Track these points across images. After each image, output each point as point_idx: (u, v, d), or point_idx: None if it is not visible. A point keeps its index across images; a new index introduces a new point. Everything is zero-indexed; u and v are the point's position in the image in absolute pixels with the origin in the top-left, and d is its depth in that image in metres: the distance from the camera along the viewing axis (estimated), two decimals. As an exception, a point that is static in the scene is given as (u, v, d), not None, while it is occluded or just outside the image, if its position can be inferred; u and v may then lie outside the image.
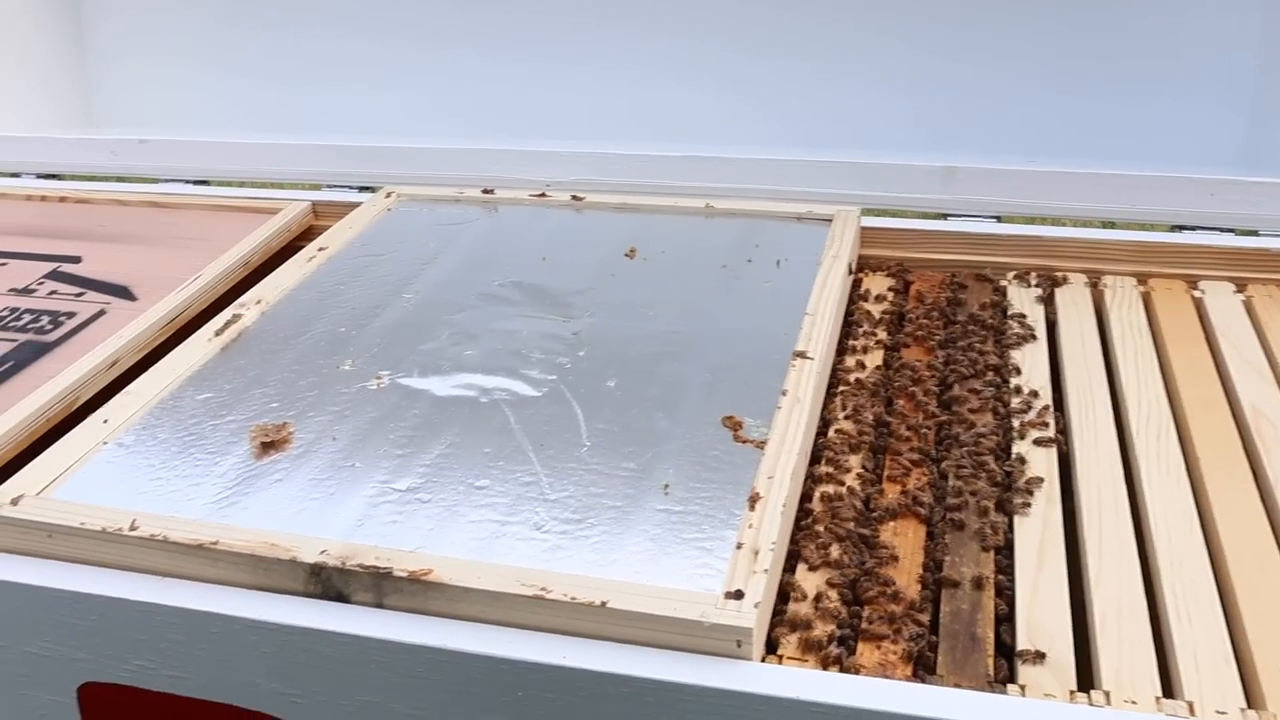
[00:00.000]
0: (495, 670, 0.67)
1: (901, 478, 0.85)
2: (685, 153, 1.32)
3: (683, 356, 0.94)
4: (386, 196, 1.29)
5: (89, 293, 1.15)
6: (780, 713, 0.63)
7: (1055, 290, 1.09)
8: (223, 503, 0.80)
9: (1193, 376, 0.94)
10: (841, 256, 1.07)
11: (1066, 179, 1.21)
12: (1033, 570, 0.75)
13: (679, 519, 0.76)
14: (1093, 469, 0.84)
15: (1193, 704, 0.64)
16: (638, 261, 1.11)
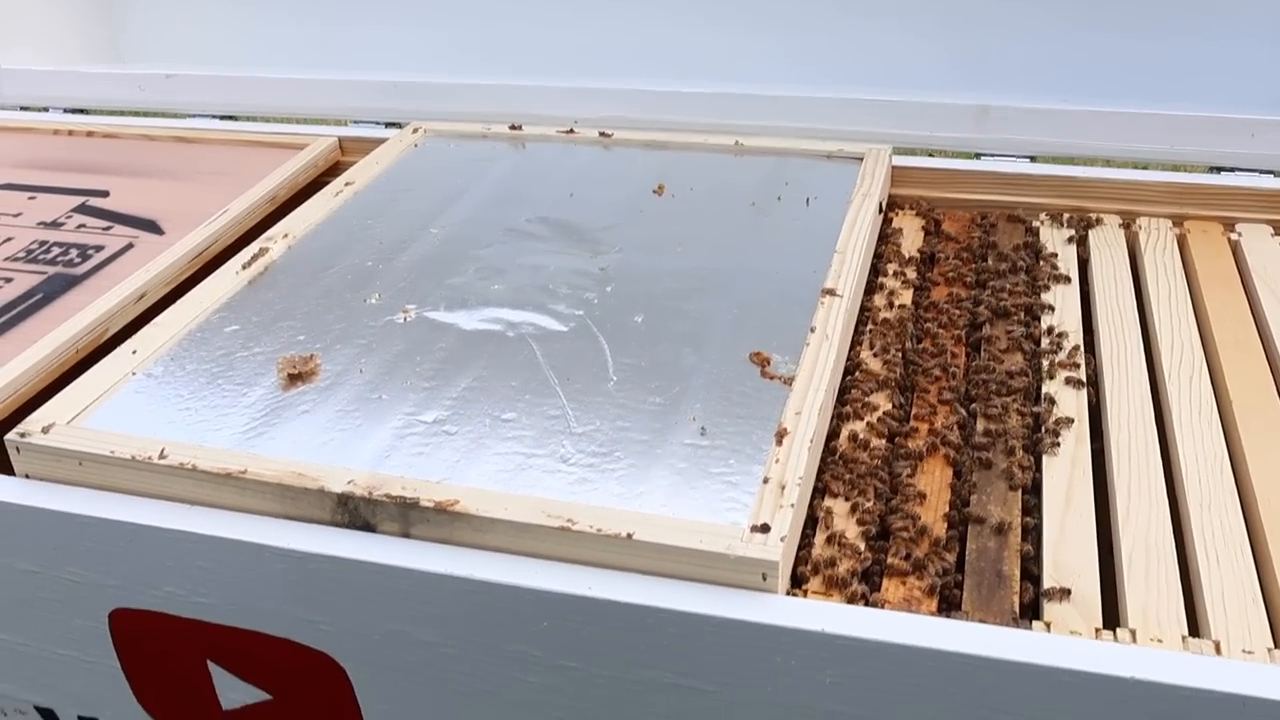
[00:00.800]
0: (521, 600, 0.68)
1: (929, 416, 0.84)
2: (715, 90, 1.30)
3: (710, 293, 0.94)
4: (414, 132, 1.28)
5: (117, 226, 1.15)
6: (805, 646, 0.63)
7: (1089, 231, 1.07)
8: (250, 433, 0.80)
9: (1227, 319, 0.93)
10: (872, 195, 1.06)
11: (1103, 118, 1.19)
12: (1060, 510, 0.75)
13: (705, 453, 0.75)
14: (1123, 410, 0.83)
15: (1219, 643, 0.64)
16: (666, 198, 1.10)
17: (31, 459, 0.79)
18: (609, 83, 1.33)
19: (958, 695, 0.62)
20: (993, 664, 0.61)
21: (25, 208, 1.20)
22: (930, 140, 1.26)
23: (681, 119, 1.29)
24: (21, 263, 1.08)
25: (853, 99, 1.27)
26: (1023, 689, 0.61)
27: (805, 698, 0.65)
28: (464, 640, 0.71)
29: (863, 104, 1.26)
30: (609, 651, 0.68)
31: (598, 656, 0.68)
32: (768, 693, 0.66)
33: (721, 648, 0.65)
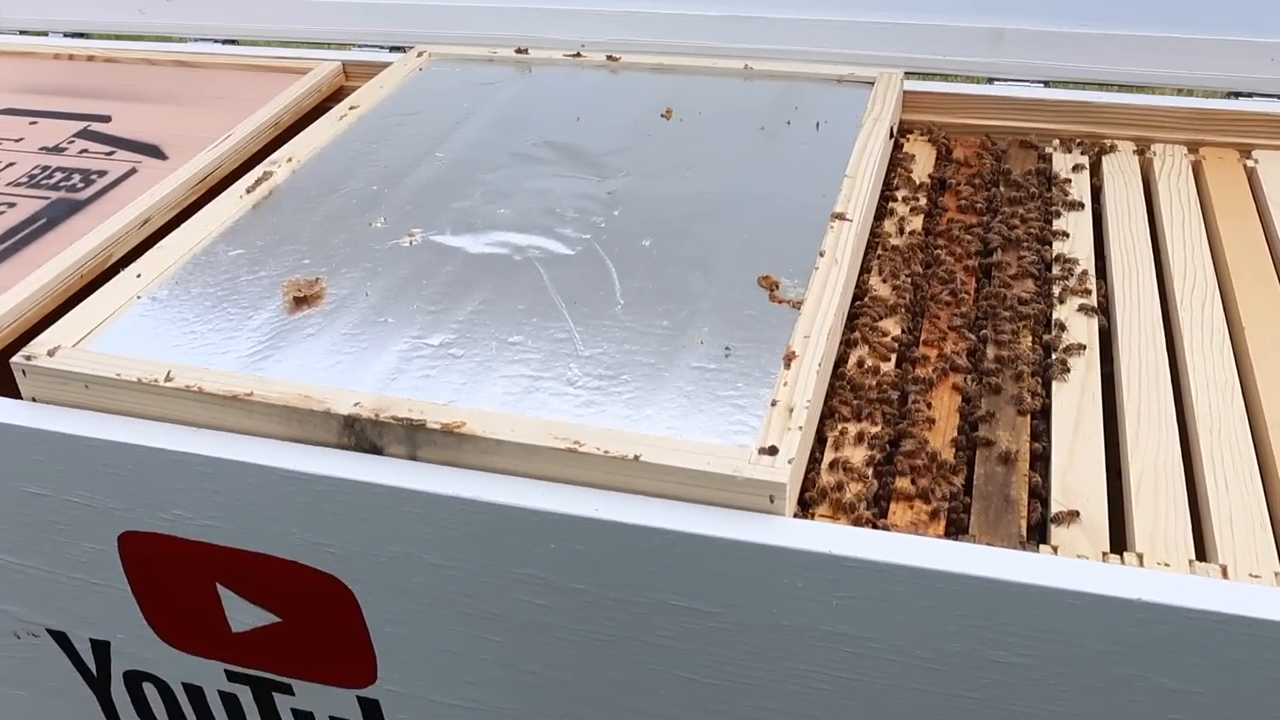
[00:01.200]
0: (527, 522, 0.68)
1: (939, 342, 0.84)
2: (724, 13, 1.28)
3: (719, 217, 0.93)
4: (418, 56, 1.26)
5: (119, 151, 1.14)
6: (812, 568, 0.64)
7: (1103, 158, 1.06)
8: (256, 356, 0.80)
9: (1241, 247, 0.92)
10: (883, 119, 1.04)
11: (1118, 42, 1.17)
12: (1069, 434, 0.75)
13: (713, 376, 0.75)
14: (1134, 336, 0.83)
15: (1226, 567, 0.64)
16: (674, 122, 1.09)
17: (38, 382, 0.79)
18: (616, 5, 1.31)
19: (964, 617, 0.63)
20: (999, 585, 0.61)
21: (27, 133, 1.19)
22: (942, 64, 1.23)
23: (690, 42, 1.27)
24: (24, 188, 1.07)
25: (863, 22, 1.24)
26: (1029, 611, 0.61)
27: (812, 620, 0.65)
28: (471, 562, 0.71)
29: (873, 27, 1.24)
30: (616, 573, 0.68)
31: (605, 579, 0.69)
32: (774, 614, 0.66)
33: (728, 570, 0.65)
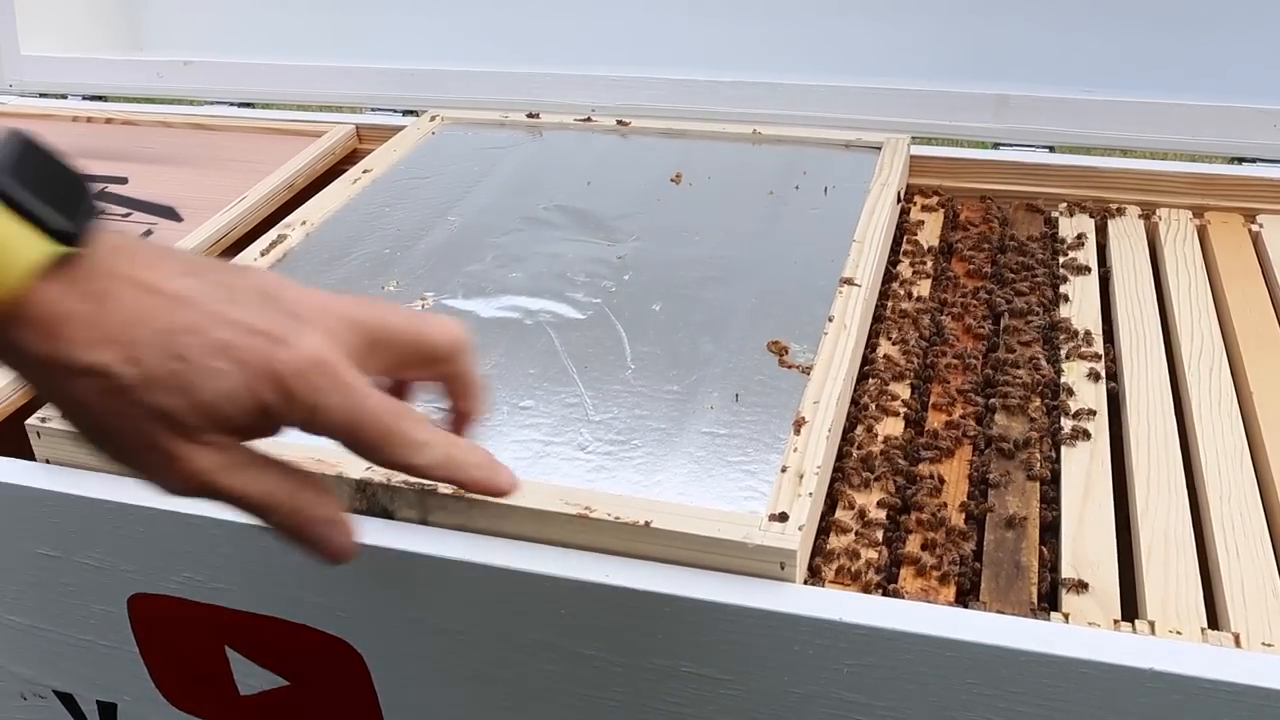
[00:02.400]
0: (539, 587, 0.68)
1: (947, 407, 0.84)
2: (733, 79, 1.30)
3: (728, 282, 0.93)
4: (431, 120, 1.28)
5: (136, 213, 1.15)
6: (823, 635, 0.63)
7: (1108, 222, 1.07)
8: (269, 419, 0.80)
9: (1247, 311, 0.93)
10: (890, 184, 1.05)
11: (1122, 108, 1.19)
12: (1079, 501, 0.75)
13: (723, 442, 0.75)
14: (1142, 401, 0.83)
15: (1239, 635, 0.64)
16: (684, 187, 1.10)
17: (52, 444, 0.80)
18: (626, 71, 1.33)
19: (975, 685, 0.62)
20: (1010, 654, 0.61)
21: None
22: (948, 130, 1.25)
23: (699, 107, 1.29)
24: (41, 249, 1.08)
25: (870, 88, 1.26)
26: (1041, 680, 0.61)
27: (822, 687, 0.65)
28: (481, 627, 0.71)
29: (880, 93, 1.26)
30: (626, 639, 0.68)
31: (615, 644, 0.69)
32: (785, 681, 0.66)
33: (739, 636, 0.65)
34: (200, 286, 0.50)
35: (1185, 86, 1.18)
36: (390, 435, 0.53)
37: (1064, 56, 1.22)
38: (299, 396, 0.50)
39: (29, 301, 0.47)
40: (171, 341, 0.49)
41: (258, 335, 0.50)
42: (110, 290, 0.48)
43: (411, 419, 0.54)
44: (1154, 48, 1.19)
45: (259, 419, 0.51)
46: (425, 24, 1.44)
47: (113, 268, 0.49)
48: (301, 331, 0.50)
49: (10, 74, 1.56)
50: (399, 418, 0.53)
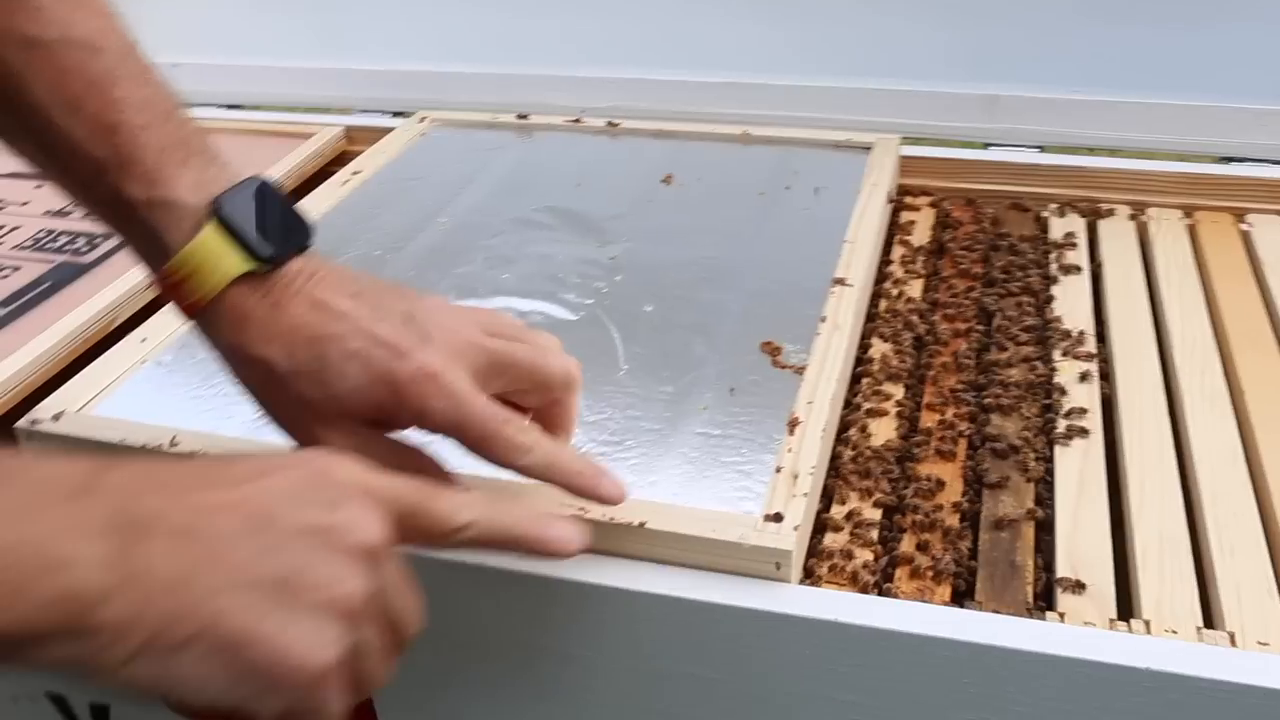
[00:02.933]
0: (532, 588, 0.68)
1: (941, 407, 0.84)
2: (723, 79, 1.30)
3: (720, 283, 0.93)
4: (420, 121, 1.28)
5: (124, 215, 1.14)
6: (818, 635, 0.63)
7: (1099, 222, 1.07)
8: (262, 421, 0.79)
9: (1239, 311, 0.93)
10: (881, 184, 1.05)
11: (1112, 108, 1.19)
12: (1073, 500, 0.75)
13: (718, 442, 0.75)
14: (1135, 401, 0.83)
15: (1234, 634, 0.64)
16: (674, 188, 1.10)
17: (41, 446, 0.79)
18: (616, 72, 1.33)
19: (971, 685, 0.62)
20: (1006, 653, 0.61)
21: (32, 196, 1.19)
22: (938, 130, 1.25)
23: (689, 108, 1.29)
24: (29, 251, 1.08)
25: (860, 88, 1.26)
26: (1036, 679, 0.61)
27: (819, 687, 0.65)
28: (474, 629, 0.71)
29: (870, 93, 1.26)
30: (621, 641, 0.68)
31: (609, 645, 0.68)
32: (781, 682, 0.66)
33: (734, 636, 0.65)
34: (355, 305, 0.63)
35: (1175, 86, 1.18)
36: (495, 437, 0.62)
37: (1054, 56, 1.22)
38: (408, 399, 0.61)
39: (223, 300, 0.63)
40: (319, 346, 0.62)
41: (385, 348, 0.62)
42: (285, 302, 0.63)
43: (514, 425, 0.63)
44: (1143, 48, 1.19)
45: (379, 413, 0.62)
46: (414, 25, 1.44)
47: (293, 285, 0.63)
48: (423, 348, 0.62)
49: (-4, 75, 1.55)
50: (503, 423, 0.63)
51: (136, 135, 0.63)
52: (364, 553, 0.52)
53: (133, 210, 0.63)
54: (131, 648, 0.46)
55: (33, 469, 0.49)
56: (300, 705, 0.51)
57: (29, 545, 0.45)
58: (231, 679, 0.48)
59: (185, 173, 0.64)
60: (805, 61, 1.31)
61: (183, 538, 0.48)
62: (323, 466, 0.54)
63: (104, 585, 0.45)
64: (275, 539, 0.50)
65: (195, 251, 0.62)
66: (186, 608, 0.47)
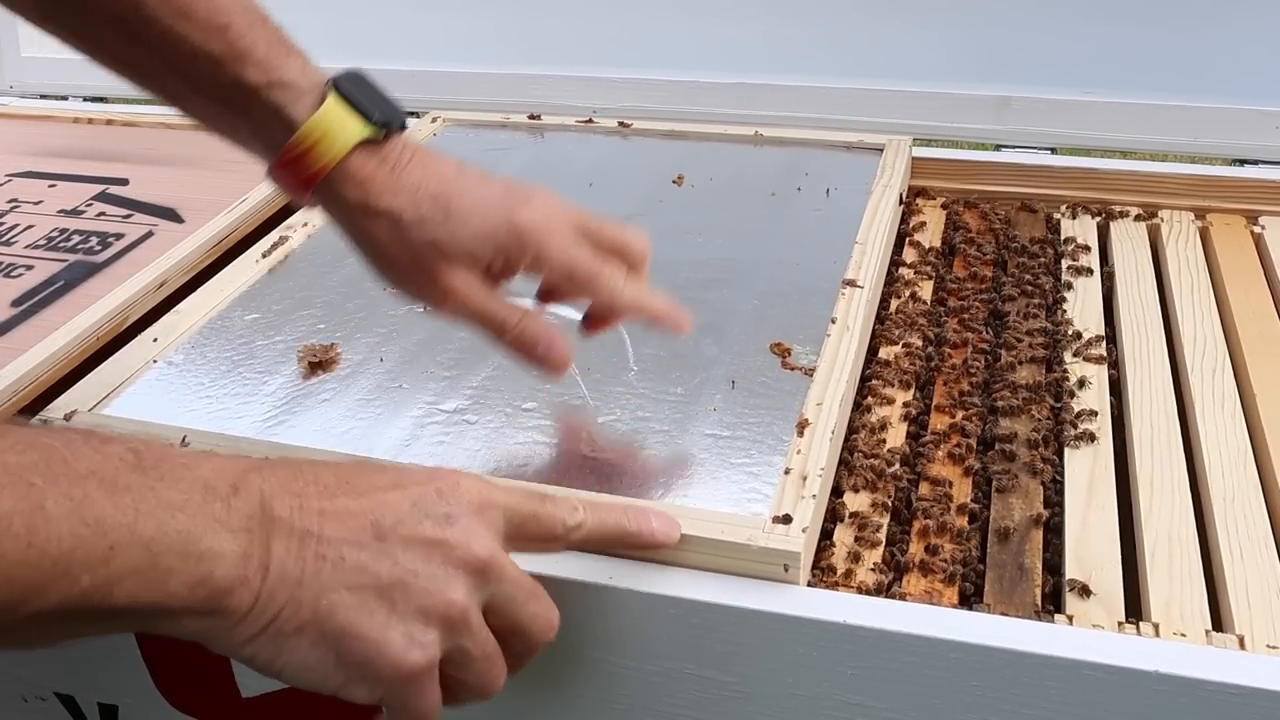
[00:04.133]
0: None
1: (950, 409, 0.84)
2: (734, 80, 1.30)
3: (731, 283, 0.93)
4: (432, 121, 1.28)
5: (136, 214, 1.15)
6: (827, 637, 0.63)
7: (1110, 224, 1.07)
8: (271, 421, 0.80)
9: (1250, 312, 0.93)
10: (893, 186, 1.05)
11: (1124, 110, 1.19)
12: (1083, 503, 0.75)
13: (726, 444, 0.75)
14: (1145, 403, 0.83)
15: (1243, 638, 0.64)
16: (686, 188, 1.10)
17: (55, 445, 0.79)
18: (628, 73, 1.33)
19: (979, 688, 0.62)
20: (1014, 656, 0.61)
21: (46, 195, 1.20)
22: (950, 131, 1.25)
23: (700, 109, 1.29)
24: (42, 250, 1.08)
25: (872, 89, 1.26)
26: (1045, 682, 0.61)
27: (827, 689, 0.65)
28: (484, 629, 0.71)
29: (882, 95, 1.26)
30: (630, 642, 0.68)
31: (618, 646, 0.68)
32: (789, 684, 0.66)
33: (743, 638, 0.65)
34: (462, 172, 0.74)
35: (1187, 88, 1.18)
36: (599, 277, 0.74)
37: (1066, 58, 1.22)
38: (528, 240, 0.71)
39: (349, 162, 0.70)
40: (443, 199, 0.71)
41: (503, 200, 0.72)
42: (401, 167, 0.72)
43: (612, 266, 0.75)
44: (1156, 49, 1.19)
45: (500, 254, 0.71)
46: (427, 25, 1.44)
47: (403, 155, 0.72)
48: (533, 204, 0.73)
49: (11, 75, 1.56)
50: (604, 265, 0.74)
51: (245, 32, 0.71)
52: (474, 567, 0.57)
53: (254, 94, 0.70)
54: (253, 630, 0.53)
55: (196, 466, 0.54)
56: (392, 698, 0.56)
57: (182, 535, 0.51)
58: (332, 666, 0.54)
59: (292, 61, 0.71)
60: (816, 62, 1.31)
61: (306, 539, 0.54)
62: (451, 482, 0.59)
63: (237, 576, 0.52)
64: (390, 547, 0.56)
65: (320, 121, 0.70)
66: (301, 600, 0.53)
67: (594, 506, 0.64)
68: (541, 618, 0.61)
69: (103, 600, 0.49)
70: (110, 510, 0.49)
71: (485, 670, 0.59)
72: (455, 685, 0.59)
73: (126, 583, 0.49)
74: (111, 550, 0.49)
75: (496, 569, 0.58)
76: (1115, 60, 1.21)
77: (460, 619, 0.56)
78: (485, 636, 0.59)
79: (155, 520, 0.50)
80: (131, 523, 0.50)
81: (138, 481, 0.51)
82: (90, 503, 0.49)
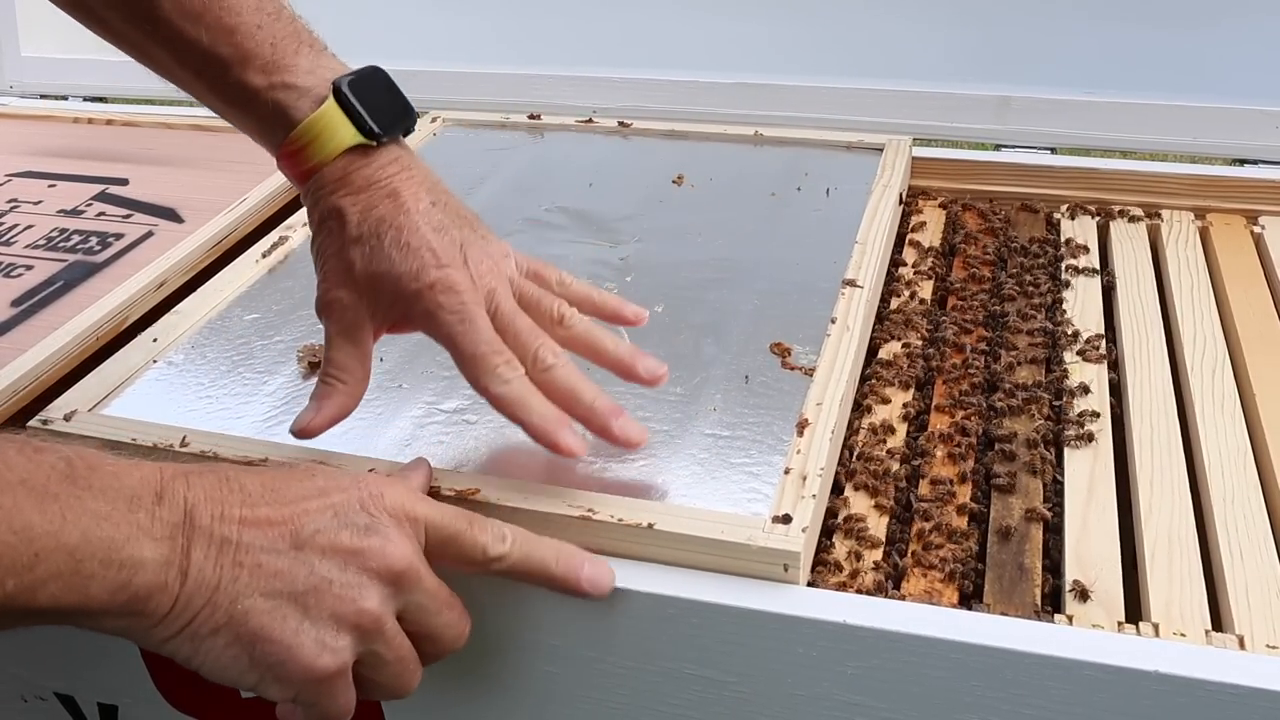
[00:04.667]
0: (541, 589, 0.67)
1: (950, 408, 0.84)
2: (734, 80, 1.30)
3: (731, 283, 0.93)
4: (432, 121, 1.28)
5: (136, 214, 1.15)
6: (827, 637, 0.63)
7: (1110, 224, 1.07)
8: (271, 421, 0.80)
9: (1250, 313, 0.92)
10: (893, 186, 1.05)
11: (1125, 110, 1.19)
12: (1082, 502, 0.75)
13: (726, 443, 0.75)
14: (1145, 403, 0.83)
15: (1243, 638, 0.64)
16: (685, 188, 1.10)
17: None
18: (628, 73, 1.33)
19: (979, 688, 0.62)
20: (1014, 656, 0.61)
21: (45, 195, 1.20)
22: (950, 131, 1.25)
23: (700, 110, 1.29)
24: (42, 250, 1.08)
25: (872, 89, 1.26)
26: (1045, 682, 0.61)
27: (826, 689, 0.65)
28: (482, 629, 0.71)
29: (882, 95, 1.26)
30: (629, 642, 0.68)
31: (617, 646, 0.68)
32: (789, 684, 0.66)
33: (742, 638, 0.65)
34: (428, 212, 0.72)
35: (1187, 88, 1.18)
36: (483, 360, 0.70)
37: (1066, 58, 1.22)
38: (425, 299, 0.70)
39: (336, 164, 0.72)
40: (382, 227, 0.71)
41: (430, 253, 0.70)
42: (382, 177, 0.72)
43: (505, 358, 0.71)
44: (1156, 49, 1.19)
45: (397, 301, 0.71)
46: (426, 25, 1.44)
47: (388, 169, 0.73)
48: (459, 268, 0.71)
49: (11, 75, 1.56)
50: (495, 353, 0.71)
51: (253, 33, 0.73)
52: (389, 576, 0.59)
53: (256, 95, 0.73)
54: (171, 631, 0.56)
55: (126, 475, 0.56)
56: (304, 698, 0.59)
57: (105, 543, 0.53)
58: (246, 666, 0.57)
59: (300, 60, 0.73)
60: (817, 62, 1.31)
61: (225, 547, 0.56)
62: (375, 492, 0.61)
63: (157, 582, 0.54)
64: (307, 555, 0.58)
65: (316, 122, 0.72)
66: (217, 605, 0.56)
67: (525, 540, 0.65)
68: (454, 628, 0.64)
69: (26, 602, 0.51)
70: (37, 518, 0.51)
71: (398, 673, 0.62)
72: (370, 685, 0.61)
73: (49, 586, 0.52)
74: (36, 557, 0.51)
75: (411, 578, 0.60)
76: (1115, 60, 1.21)
77: (373, 626, 0.59)
78: (400, 642, 0.61)
79: (80, 528, 0.52)
80: (57, 530, 0.52)
81: (66, 491, 0.53)
82: (18, 511, 0.51)
